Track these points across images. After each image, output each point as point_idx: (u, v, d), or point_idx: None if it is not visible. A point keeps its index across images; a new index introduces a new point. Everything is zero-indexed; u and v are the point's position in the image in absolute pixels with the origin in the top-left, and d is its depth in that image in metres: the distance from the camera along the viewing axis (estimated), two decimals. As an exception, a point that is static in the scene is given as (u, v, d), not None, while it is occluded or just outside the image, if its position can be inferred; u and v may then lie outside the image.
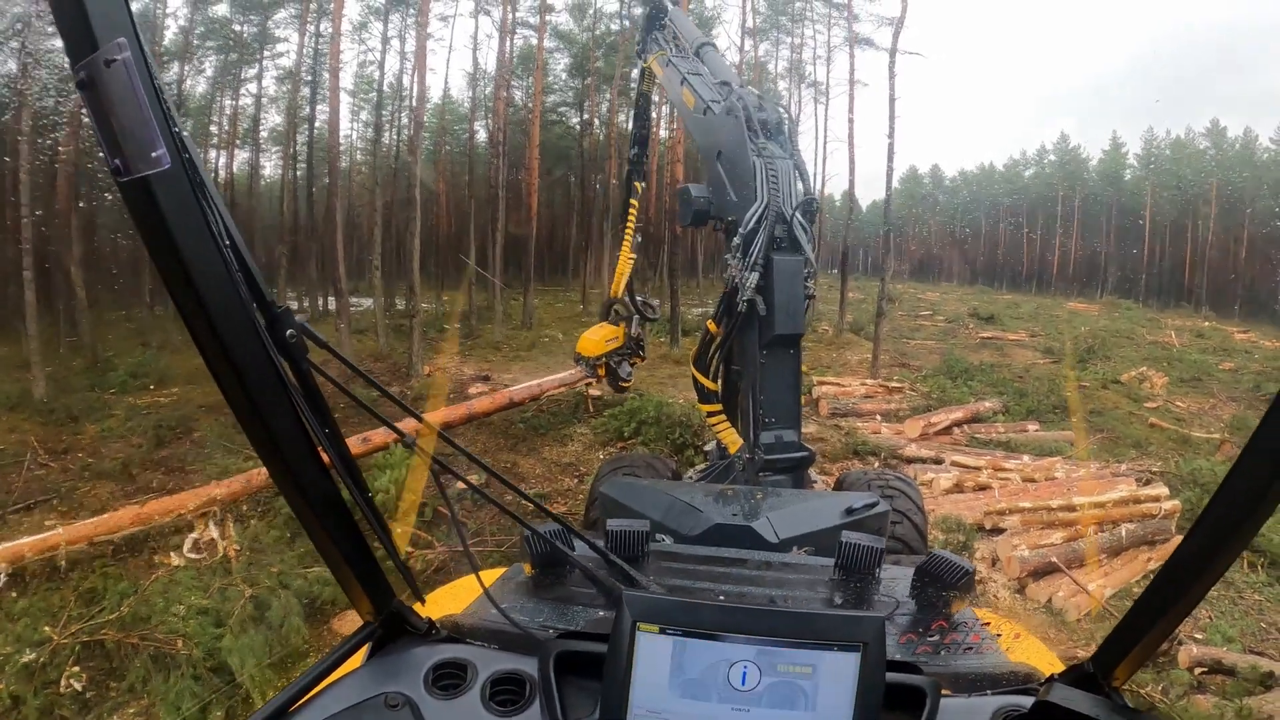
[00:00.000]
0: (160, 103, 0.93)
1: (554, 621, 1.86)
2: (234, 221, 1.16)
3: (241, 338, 1.09)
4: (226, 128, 27.17)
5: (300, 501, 1.30)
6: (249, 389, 1.13)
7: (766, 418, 4.33)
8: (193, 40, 25.24)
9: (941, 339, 25.61)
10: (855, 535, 2.24)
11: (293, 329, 1.24)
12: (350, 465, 1.44)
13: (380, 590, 1.58)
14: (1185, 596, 1.24)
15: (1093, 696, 1.35)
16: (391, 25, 28.32)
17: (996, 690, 1.61)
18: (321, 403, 1.33)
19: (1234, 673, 6.17)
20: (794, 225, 4.27)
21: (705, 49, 5.50)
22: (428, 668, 1.56)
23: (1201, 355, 23.96)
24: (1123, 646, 1.38)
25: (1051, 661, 1.97)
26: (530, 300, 25.07)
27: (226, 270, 1.06)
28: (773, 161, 4.29)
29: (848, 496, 3.20)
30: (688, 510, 2.94)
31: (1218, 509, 1.14)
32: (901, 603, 2.07)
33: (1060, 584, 7.56)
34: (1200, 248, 51.17)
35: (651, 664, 1.39)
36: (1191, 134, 53.95)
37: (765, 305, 4.22)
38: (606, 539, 2.17)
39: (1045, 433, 13.17)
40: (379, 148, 29.82)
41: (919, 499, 4.74)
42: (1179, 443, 13.28)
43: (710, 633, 1.39)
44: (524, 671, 1.56)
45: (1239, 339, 30.58)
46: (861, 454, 11.46)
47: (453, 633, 1.72)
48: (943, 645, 1.85)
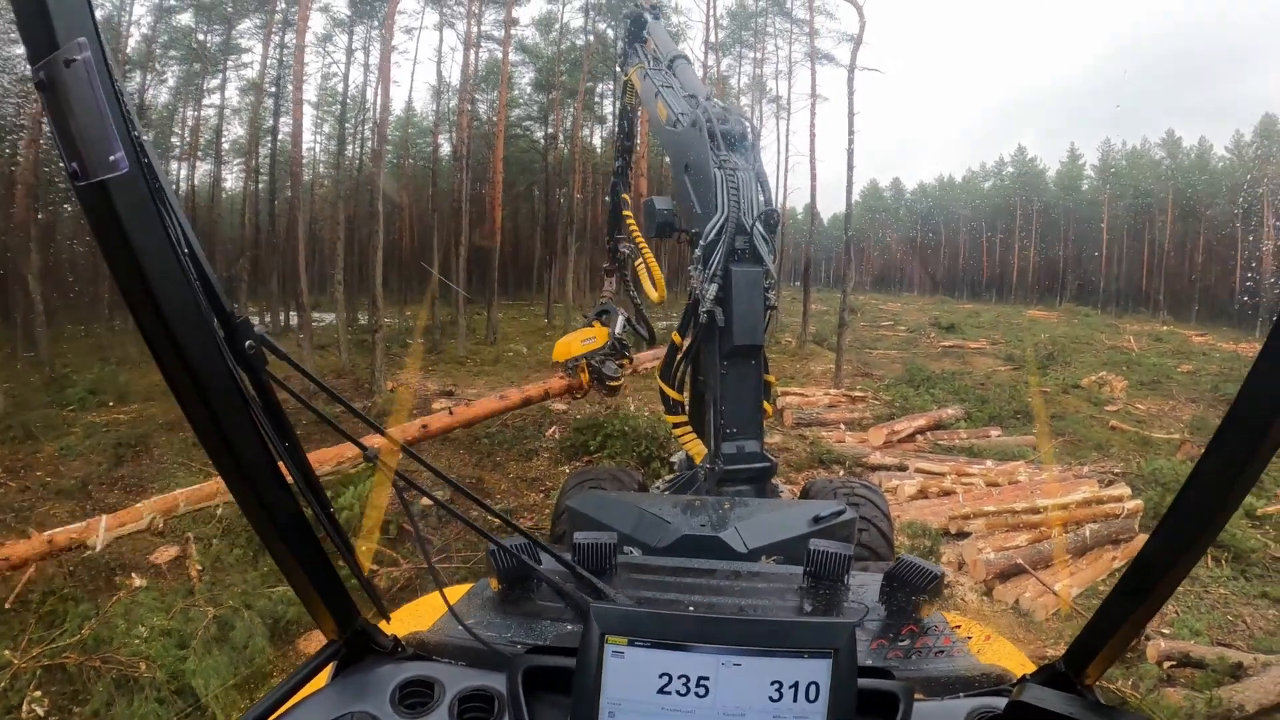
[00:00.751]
0: (120, 106, 0.92)
1: (522, 637, 1.83)
2: (193, 230, 1.13)
3: (199, 348, 1.06)
4: (188, 138, 26.78)
5: (261, 518, 1.27)
6: (207, 402, 1.09)
7: (728, 428, 4.32)
8: (155, 49, 24.82)
9: (903, 348, 25.91)
10: (823, 543, 2.24)
11: (252, 340, 1.21)
12: (312, 480, 1.41)
13: (344, 608, 1.55)
14: (1153, 594, 1.24)
15: (1066, 695, 1.34)
16: (356, 37, 28.10)
17: (969, 693, 1.61)
18: (282, 416, 1.30)
19: (1203, 665, 6.26)
20: (754, 236, 4.25)
21: (678, 62, 5.52)
22: (394, 686, 1.53)
23: (1160, 359, 24.46)
24: (1093, 645, 1.39)
25: (1023, 662, 1.97)
26: (494, 314, 24.93)
27: (185, 278, 1.03)
28: (734, 173, 4.29)
29: (815, 505, 3.15)
30: (655, 522, 2.90)
31: (1182, 508, 1.14)
32: (871, 608, 2.06)
33: (1027, 585, 7.60)
34: (1157, 254, 52.37)
35: (621, 677, 1.37)
36: (1147, 144, 55.40)
37: (724, 316, 4.21)
38: (574, 552, 2.14)
39: (1007, 438, 13.32)
40: (342, 160, 29.52)
41: (885, 506, 4.73)
42: (1140, 444, 13.49)
43: (679, 643, 1.37)
44: (492, 688, 1.53)
45: (1197, 342, 31.24)
46: (827, 463, 11.51)
47: (419, 650, 1.69)
48: (914, 650, 1.84)
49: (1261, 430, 1.01)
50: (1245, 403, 1.02)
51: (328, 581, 1.45)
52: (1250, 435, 1.03)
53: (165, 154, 25.56)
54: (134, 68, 23.87)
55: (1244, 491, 1.09)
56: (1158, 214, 52.65)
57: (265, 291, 27.34)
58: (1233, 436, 1.04)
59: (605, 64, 31.29)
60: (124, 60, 22.95)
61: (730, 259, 4.23)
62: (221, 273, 24.34)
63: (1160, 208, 52.31)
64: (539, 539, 2.19)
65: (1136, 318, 44.04)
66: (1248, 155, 47.38)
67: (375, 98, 26.43)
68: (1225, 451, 1.06)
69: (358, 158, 29.60)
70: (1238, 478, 1.06)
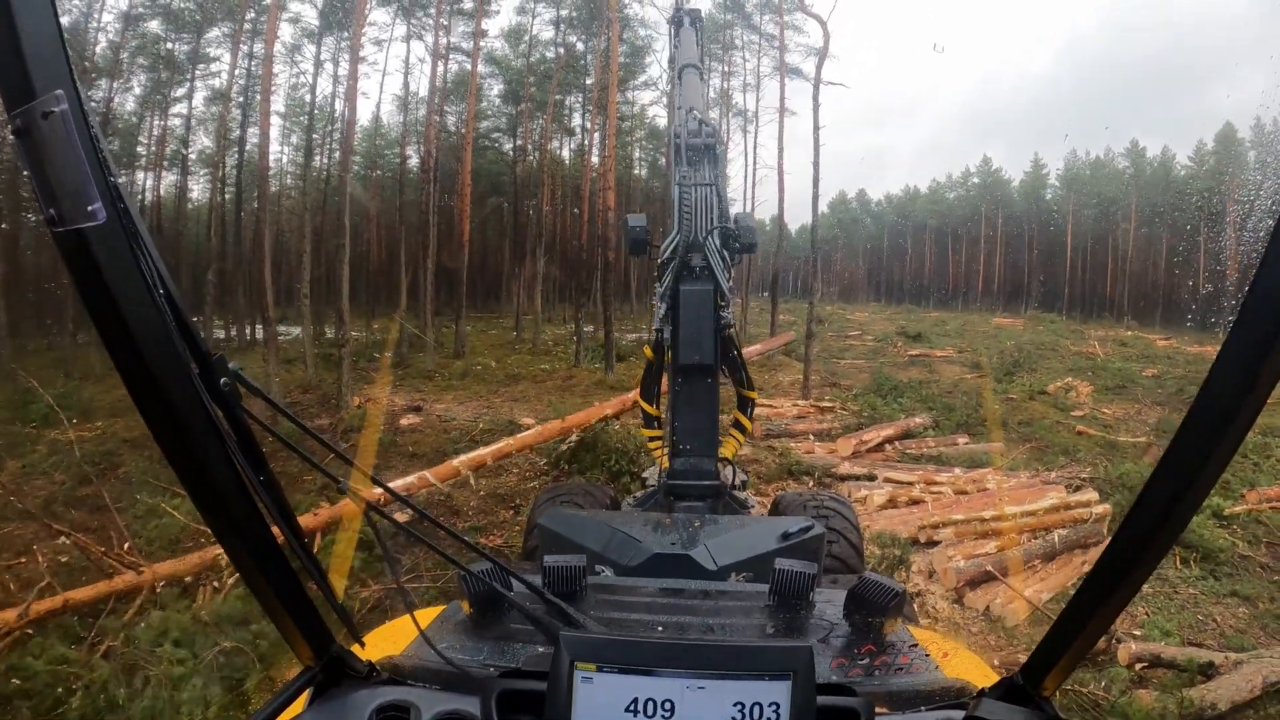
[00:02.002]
0: (97, 155, 0.93)
1: (495, 659, 1.86)
2: (168, 269, 1.15)
3: (176, 386, 1.10)
4: (154, 148, 26.41)
5: (237, 548, 1.30)
6: (184, 437, 1.13)
7: (681, 444, 4.36)
8: (122, 57, 24.44)
9: (870, 358, 26.02)
10: (788, 562, 2.26)
11: (227, 377, 1.25)
12: (286, 511, 1.43)
13: (319, 634, 1.57)
14: (1110, 602, 1.26)
15: (1020, 709, 1.38)
16: (325, 48, 27.87)
17: (930, 706, 1.64)
18: (256, 449, 1.33)
19: (1174, 665, 6.29)
20: (708, 252, 4.24)
21: (687, 71, 5.57)
22: (370, 711, 1.55)
23: (1125, 363, 24.70)
24: (1051, 656, 1.41)
25: (987, 674, 1.98)
26: (462, 327, 24.80)
27: (161, 319, 1.06)
28: (689, 190, 4.30)
29: (783, 521, 3.20)
30: (626, 541, 2.96)
31: (1139, 513, 1.15)
32: (835, 625, 2.09)
33: (998, 591, 7.62)
34: (1121, 261, 53.41)
35: (591, 702, 1.40)
36: (1111, 154, 56.59)
37: (672, 335, 4.25)
38: (543, 575, 2.16)
39: (975, 445, 13.39)
40: (309, 172, 29.25)
41: (854, 518, 4.77)
42: (1107, 448, 13.58)
43: (646, 668, 1.40)
44: (467, 712, 1.55)
45: (1161, 346, 31.70)
46: (796, 474, 11.49)
47: (394, 675, 1.71)
48: (875, 666, 1.88)
49: (1219, 431, 1.02)
50: (1202, 406, 1.02)
51: (303, 609, 1.47)
52: (1208, 436, 1.03)
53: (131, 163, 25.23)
54: (100, 75, 23.52)
55: (1202, 495, 1.10)
56: (1121, 221, 53.75)
57: (231, 304, 26.98)
58: (1191, 438, 1.05)
59: (575, 75, 31.34)
60: (90, 69, 22.57)
61: (682, 277, 4.25)
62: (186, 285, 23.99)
63: (1124, 215, 53.41)
64: (508, 561, 2.26)
65: (1101, 323, 44.73)
66: (1209, 164, 48.57)
67: (343, 109, 26.27)
68: (1183, 454, 1.06)
69: (325, 169, 29.37)
70: (1196, 481, 1.06)
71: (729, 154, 30.53)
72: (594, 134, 30.82)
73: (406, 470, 11.74)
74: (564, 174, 34.37)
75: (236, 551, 1.31)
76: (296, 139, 30.96)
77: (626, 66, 31.51)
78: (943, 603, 7.66)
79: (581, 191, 30.27)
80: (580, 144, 33.63)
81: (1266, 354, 0.94)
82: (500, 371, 21.27)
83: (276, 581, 1.38)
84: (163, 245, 26.00)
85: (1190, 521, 1.15)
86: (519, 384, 19.55)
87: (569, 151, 35.16)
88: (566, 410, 15.03)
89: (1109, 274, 54.45)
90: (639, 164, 39.39)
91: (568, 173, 34.35)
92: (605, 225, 22.67)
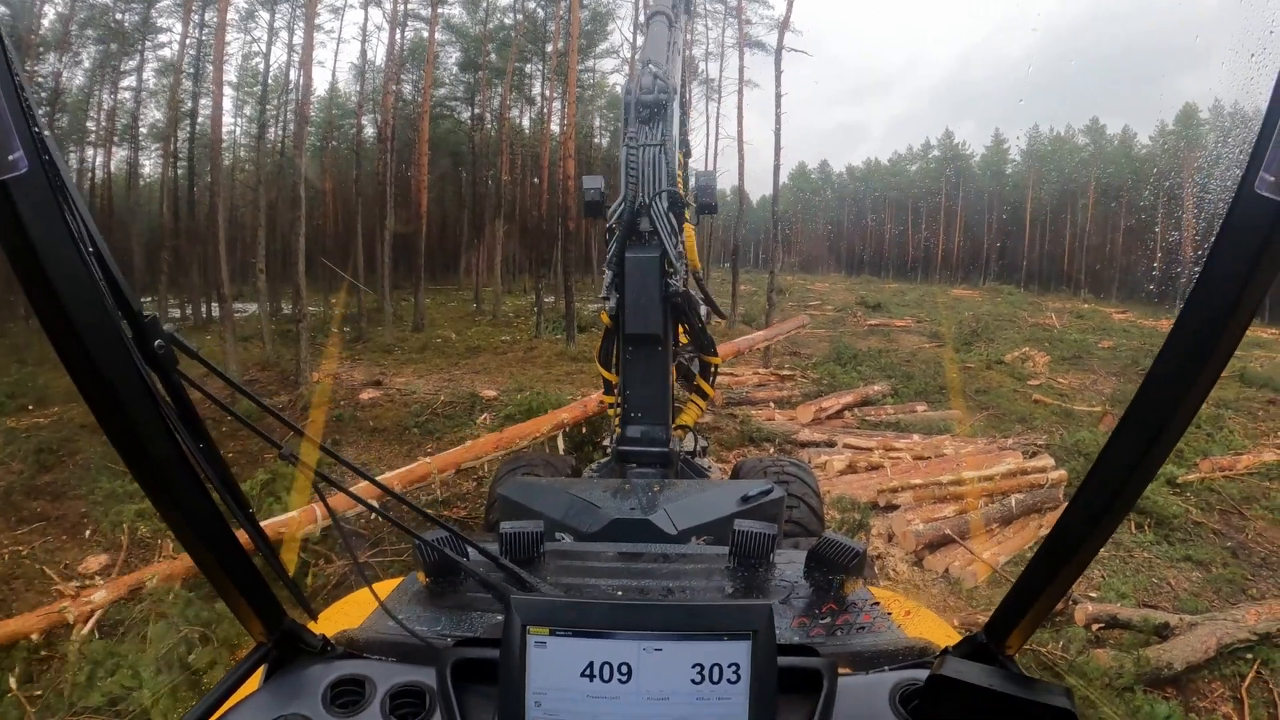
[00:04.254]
0: (20, 102, 0.89)
1: (452, 629, 1.85)
2: (100, 227, 1.11)
3: (107, 349, 1.04)
4: (104, 123, 25.52)
5: (178, 521, 1.24)
6: (117, 404, 1.07)
7: (632, 412, 4.36)
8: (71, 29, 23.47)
9: (831, 327, 26.26)
10: (748, 523, 2.25)
11: (161, 339, 1.20)
12: (229, 481, 1.40)
13: (271, 610, 1.53)
14: (1071, 563, 1.26)
15: (984, 667, 1.35)
16: (279, 16, 27.02)
17: (894, 666, 1.63)
18: (194, 415, 1.30)
19: (1130, 626, 6.42)
20: (654, 216, 4.09)
21: (655, 19, 5.34)
22: (325, 685, 1.52)
23: (1082, 335, 25.09)
24: (1013, 616, 1.42)
25: (948, 634, 2.00)
26: (421, 300, 24.47)
27: (90, 278, 1.01)
28: (636, 151, 4.12)
29: (743, 485, 3.24)
30: (586, 507, 2.97)
31: (1098, 478, 1.17)
32: (796, 586, 2.09)
33: (956, 554, 7.71)
34: (1079, 236, 54.25)
35: (545, 666, 1.37)
36: (1072, 131, 57.28)
37: (619, 304, 4.16)
38: (500, 542, 2.14)
39: (933, 412, 13.56)
40: (263, 144, 28.47)
41: (814, 483, 4.81)
42: (1062, 416, 13.83)
43: (600, 631, 1.37)
44: (423, 683, 1.53)
45: (1118, 319, 32.19)
46: (757, 441, 11.56)
47: (349, 648, 1.68)
48: (837, 626, 1.88)
49: (1174, 403, 1.04)
50: (1158, 376, 1.04)
51: (251, 583, 1.43)
52: (1162, 408, 1.06)
53: (81, 139, 24.40)
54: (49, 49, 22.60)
55: (1157, 463, 1.12)
56: (1080, 197, 54.56)
57: (186, 282, 26.31)
58: (1146, 410, 1.07)
59: (534, 44, 30.80)
60: (37, 42, 21.68)
61: (629, 243, 4.13)
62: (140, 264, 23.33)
63: (1083, 192, 54.21)
64: (464, 530, 2.22)
65: (1058, 296, 45.49)
66: (1169, 143, 49.36)
67: (298, 78, 25.55)
68: (1139, 424, 1.09)
69: (280, 141, 28.62)
70: (1151, 450, 1.09)
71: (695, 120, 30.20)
72: (554, 102, 30.48)
73: (368, 445, 11.62)
74: (524, 143, 33.91)
75: (178, 525, 1.25)
76: (250, 110, 30.11)
77: (588, 33, 31.07)
78: (902, 565, 7.74)
79: (541, 161, 29.92)
80: (540, 112, 33.20)
81: (1218, 331, 0.97)
82: (460, 344, 21.06)
83: (223, 556, 1.33)
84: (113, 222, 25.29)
85: (1146, 488, 1.20)
86: (480, 356, 19.39)
87: (529, 120, 34.71)
88: (527, 382, 14.94)
89: (1067, 248, 55.30)
90: (600, 132, 38.93)
91: (527, 141, 33.90)
92: (565, 195, 22.41)
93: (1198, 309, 0.98)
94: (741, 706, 1.34)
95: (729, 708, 1.34)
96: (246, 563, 1.39)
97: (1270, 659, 6.08)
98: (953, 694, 1.31)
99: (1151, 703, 5.45)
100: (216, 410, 1.48)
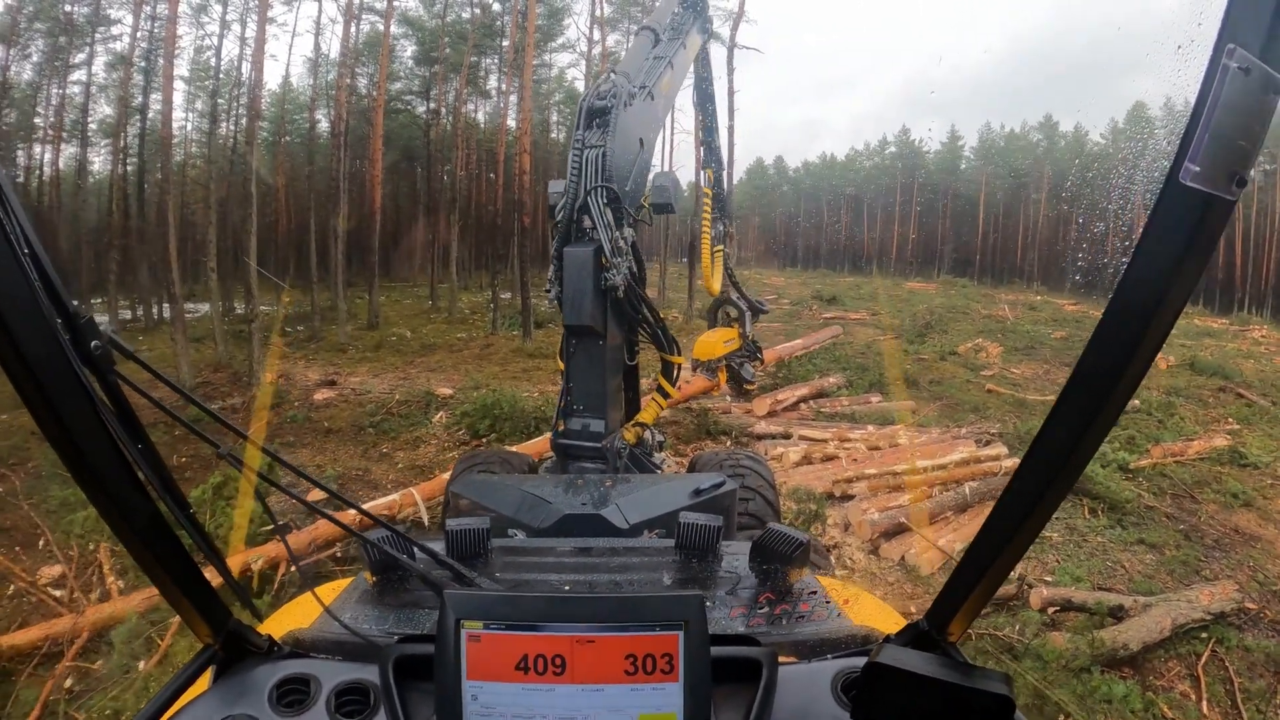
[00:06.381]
0: None
1: (398, 627, 1.84)
2: (47, 225, 0.93)
3: (41, 350, 1.01)
4: (53, 117, 24.79)
5: (119, 523, 1.22)
6: (54, 406, 1.05)
7: (574, 404, 4.50)
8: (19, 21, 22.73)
9: (787, 321, 26.43)
10: (693, 515, 2.26)
11: (98, 340, 1.18)
12: (169, 482, 1.38)
13: (216, 611, 1.52)
14: (1010, 548, 1.27)
15: (923, 654, 1.35)
16: (231, 7, 26.46)
17: (836, 654, 1.65)
18: (133, 417, 1.28)
19: (1085, 609, 6.51)
20: (591, 212, 4.28)
21: (642, 32, 5.53)
22: (271, 685, 1.52)
23: (1034, 326, 25.53)
24: (954, 601, 1.43)
25: (895, 621, 2.01)
26: (375, 298, 24.23)
27: (24, 278, 0.99)
28: (581, 152, 4.34)
29: (696, 478, 3.24)
30: (536, 503, 2.97)
31: (1032, 465, 1.17)
32: (742, 578, 2.09)
33: (911, 542, 7.76)
34: (1031, 230, 55.39)
35: (480, 659, 1.37)
36: (1026, 127, 58.38)
37: (558, 296, 4.35)
38: (446, 539, 2.14)
39: (887, 403, 13.67)
40: (215, 139, 27.88)
41: (769, 475, 4.87)
42: (1015, 406, 14.03)
43: (533, 624, 1.37)
44: (367, 680, 1.54)
45: (1070, 310, 32.69)
46: (713, 434, 11.58)
47: (295, 648, 1.68)
48: (776, 615, 1.90)
49: (1107, 389, 1.05)
50: (1090, 362, 1.05)
51: (195, 585, 1.42)
52: (1096, 393, 1.06)
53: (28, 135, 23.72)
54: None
55: (1092, 448, 1.12)
56: (1032, 192, 55.67)
57: (135, 282, 25.69)
58: (1081, 394, 1.08)
59: (489, 38, 30.53)
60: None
61: (570, 239, 4.34)
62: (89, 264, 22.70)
63: (1036, 186, 55.32)
64: (405, 530, 2.25)
65: (1011, 288, 46.33)
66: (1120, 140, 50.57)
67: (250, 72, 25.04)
68: (1073, 410, 1.09)
69: (231, 136, 28.04)
70: (1085, 434, 1.09)
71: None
72: (510, 97, 30.25)
73: (322, 445, 11.41)
74: (479, 138, 33.62)
75: (119, 527, 1.22)
76: (201, 105, 29.50)
77: (544, 29, 30.89)
78: (859, 554, 7.78)
79: (497, 156, 29.66)
80: (495, 107, 32.94)
81: (1148, 317, 0.98)
82: (416, 341, 20.88)
83: (166, 558, 1.32)
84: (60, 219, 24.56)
85: (1084, 470, 1.24)
86: (435, 353, 19.22)
87: (484, 115, 34.42)
88: (484, 379, 14.81)
89: (1019, 242, 56.40)
90: (556, 128, 38.75)
91: (483, 136, 33.61)
92: (521, 190, 22.29)
93: (1127, 297, 0.99)
94: (676, 696, 1.34)
95: (664, 697, 1.35)
96: (190, 565, 1.39)
97: (1225, 637, 6.22)
98: (891, 681, 1.30)
99: (1109, 683, 5.52)
100: (160, 413, 1.47)
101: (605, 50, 31.89)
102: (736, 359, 7.37)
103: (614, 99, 4.47)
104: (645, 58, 5.23)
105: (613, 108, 4.44)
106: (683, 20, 5.72)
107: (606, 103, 4.47)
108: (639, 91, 4.72)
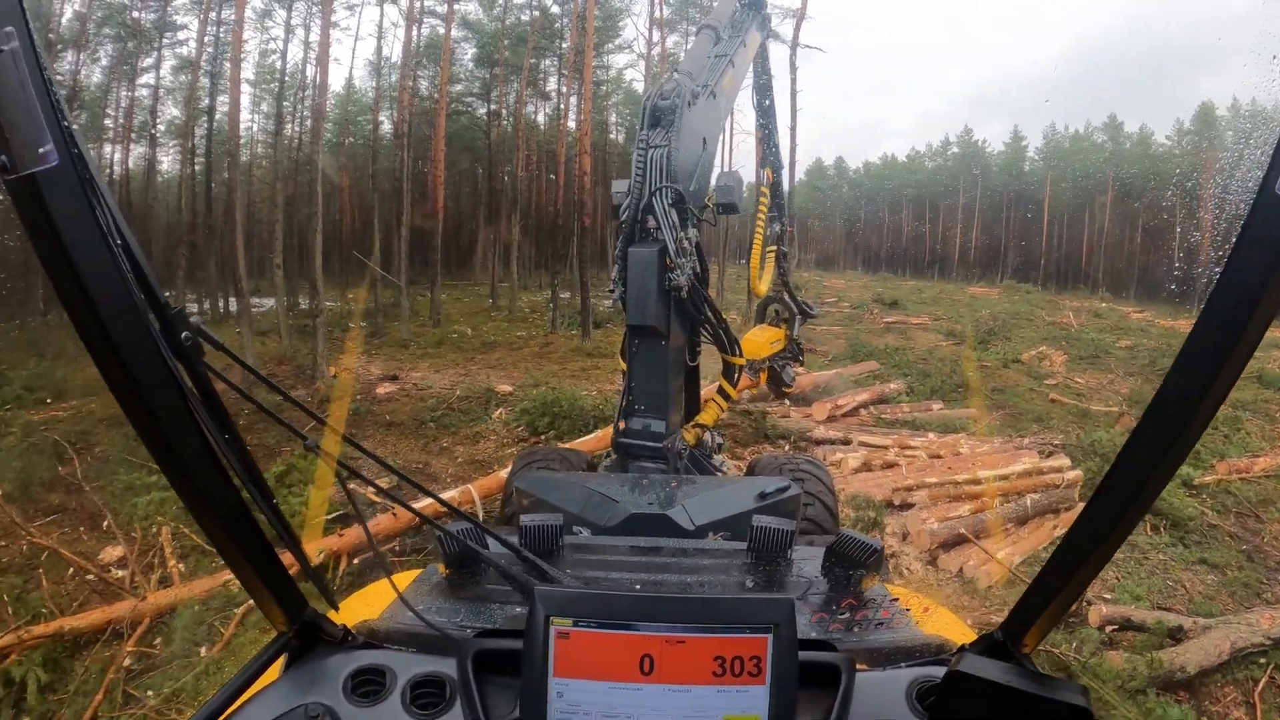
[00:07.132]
0: (50, 96, 0.90)
1: (471, 621, 1.85)
2: (126, 220, 1.12)
3: (134, 342, 1.04)
4: (123, 120, 25.73)
5: (203, 512, 1.24)
6: (143, 396, 1.07)
7: (636, 404, 4.51)
8: (89, 27, 23.68)
9: (847, 324, 26.14)
10: (766, 519, 2.27)
11: (188, 331, 1.20)
12: (254, 472, 1.39)
13: (292, 600, 1.53)
14: (1088, 563, 1.26)
15: (1002, 664, 1.35)
16: (295, 13, 27.19)
17: (910, 663, 1.64)
18: (220, 407, 1.30)
19: (1144, 629, 6.36)
20: (656, 213, 4.29)
21: (703, 30, 5.53)
22: (346, 675, 1.54)
23: (1099, 334, 24.74)
24: (1030, 614, 1.41)
25: (964, 632, 2.00)
26: (437, 296, 24.59)
27: (118, 271, 1.01)
28: (645, 152, 4.35)
29: (760, 482, 3.25)
30: (604, 502, 2.97)
31: (1116, 480, 1.17)
32: (813, 582, 2.10)
33: (970, 554, 7.67)
34: (1097, 235, 53.84)
35: (567, 657, 1.38)
36: (1090, 129, 56.80)
37: (622, 296, 4.38)
38: (520, 534, 2.16)
39: (949, 411, 13.45)
40: (280, 140, 28.64)
41: (829, 480, 4.83)
42: (1079, 416, 13.67)
43: (624, 623, 1.38)
44: (444, 673, 1.54)
45: (1135, 318, 31.79)
46: (771, 438, 11.51)
47: (369, 639, 1.69)
48: (855, 622, 1.89)
49: (1193, 404, 1.03)
50: (1177, 377, 1.04)
51: (273, 573, 1.43)
52: (1182, 409, 1.05)
53: (98, 138, 24.65)
54: (66, 47, 22.81)
55: (1176, 464, 1.11)
56: (1098, 195, 54.12)
57: (204, 277, 26.55)
58: (1165, 410, 1.06)
59: (549, 39, 30.80)
60: (55, 40, 21.89)
61: (634, 239, 4.37)
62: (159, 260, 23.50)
63: (1101, 190, 53.77)
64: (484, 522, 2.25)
65: (1075, 295, 45.12)
66: (1186, 142, 48.93)
67: (315, 74, 25.69)
68: (1158, 425, 1.08)
69: (297, 138, 28.79)
70: (1169, 450, 1.08)
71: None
72: (569, 98, 30.48)
73: (383, 439, 11.68)
74: (539, 139, 33.92)
75: (203, 515, 1.25)
76: (267, 107, 30.30)
77: (602, 30, 31.03)
78: (916, 564, 7.71)
79: (557, 157, 29.92)
80: (555, 108, 33.20)
81: (1238, 333, 0.96)
82: (476, 339, 21.12)
83: (246, 546, 1.34)
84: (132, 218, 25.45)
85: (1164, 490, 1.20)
86: (495, 351, 19.44)
87: (544, 116, 34.71)
88: (543, 377, 14.97)
89: (1084, 246, 54.89)
90: (615, 128, 38.91)
91: (543, 138, 33.91)
92: (581, 190, 22.45)
93: (1217, 311, 0.97)
94: (762, 699, 1.35)
95: (749, 700, 1.35)
96: (270, 554, 1.40)
97: (1284, 664, 6.03)
98: (970, 691, 1.31)
99: (1164, 706, 5.40)
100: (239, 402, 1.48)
101: (665, 51, 31.98)
102: (779, 360, 7.34)
103: (677, 98, 4.49)
104: (707, 56, 5.24)
105: (677, 107, 4.46)
106: (742, 17, 5.73)
107: (670, 102, 4.49)
108: (702, 90, 4.73)
